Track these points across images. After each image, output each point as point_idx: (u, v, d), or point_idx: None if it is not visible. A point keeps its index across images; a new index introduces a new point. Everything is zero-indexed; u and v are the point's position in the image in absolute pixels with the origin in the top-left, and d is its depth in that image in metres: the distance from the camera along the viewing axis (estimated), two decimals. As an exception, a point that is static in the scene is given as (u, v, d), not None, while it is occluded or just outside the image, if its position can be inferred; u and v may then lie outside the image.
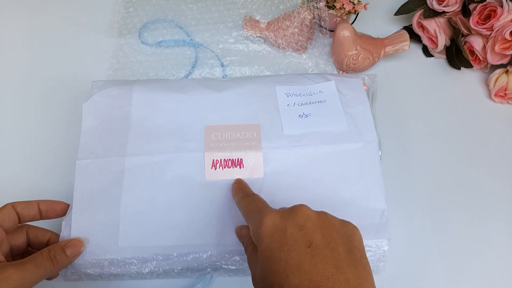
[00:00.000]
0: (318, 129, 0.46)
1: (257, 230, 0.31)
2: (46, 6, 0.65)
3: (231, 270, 0.42)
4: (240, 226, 0.39)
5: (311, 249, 0.29)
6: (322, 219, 0.31)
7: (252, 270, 0.33)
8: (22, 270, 0.34)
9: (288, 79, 0.51)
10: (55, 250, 0.37)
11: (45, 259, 0.36)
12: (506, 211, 0.49)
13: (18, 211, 0.39)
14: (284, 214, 0.31)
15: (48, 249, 0.37)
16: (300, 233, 0.29)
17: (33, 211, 0.40)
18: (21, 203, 0.39)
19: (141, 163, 0.43)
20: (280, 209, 0.33)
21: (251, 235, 0.33)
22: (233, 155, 0.44)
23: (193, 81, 0.51)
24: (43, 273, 0.36)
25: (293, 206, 0.32)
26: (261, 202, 0.36)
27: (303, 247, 0.29)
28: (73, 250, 0.38)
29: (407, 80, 0.59)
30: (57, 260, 0.37)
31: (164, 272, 0.41)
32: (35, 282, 0.35)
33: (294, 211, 0.31)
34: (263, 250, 0.30)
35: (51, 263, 0.36)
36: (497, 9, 0.52)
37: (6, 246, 0.38)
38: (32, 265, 0.35)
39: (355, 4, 0.55)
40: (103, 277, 0.42)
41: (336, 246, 0.29)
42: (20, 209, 0.39)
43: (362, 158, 0.45)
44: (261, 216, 0.32)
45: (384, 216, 0.43)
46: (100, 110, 0.46)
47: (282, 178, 0.44)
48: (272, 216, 0.31)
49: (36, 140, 0.53)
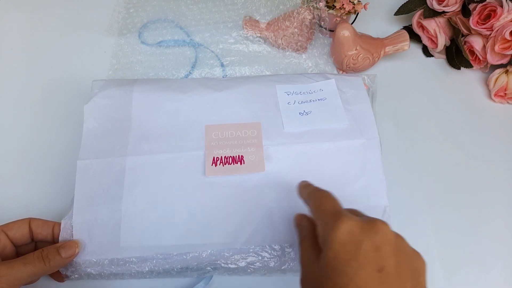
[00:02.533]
0: (319, 126, 0.46)
1: (329, 233, 0.29)
2: (46, 6, 0.65)
3: (231, 269, 0.42)
4: (300, 214, 0.37)
5: (381, 274, 0.27)
6: (398, 245, 0.29)
7: (304, 268, 0.32)
8: (9, 266, 0.35)
9: (288, 78, 0.51)
10: (49, 250, 0.38)
11: (35, 258, 0.37)
12: (506, 210, 0.49)
13: (33, 228, 0.40)
14: (364, 226, 0.29)
15: (42, 249, 0.38)
16: (374, 254, 0.28)
17: (46, 231, 0.40)
18: (39, 221, 0.40)
19: (142, 162, 0.43)
20: (358, 218, 0.30)
21: (319, 234, 0.31)
22: (234, 153, 0.44)
23: (193, 81, 0.51)
24: (32, 271, 0.36)
25: (374, 220, 0.29)
26: (337, 203, 0.33)
27: (373, 270, 0.27)
28: (67, 251, 0.38)
29: (407, 80, 0.59)
30: (49, 259, 0.37)
31: (164, 271, 0.41)
32: (23, 279, 0.36)
33: (375, 227, 0.29)
34: (330, 257, 0.28)
35: (42, 262, 0.37)
36: (497, 9, 0.52)
37: (10, 252, 0.39)
38: (19, 263, 0.36)
39: (355, 4, 0.55)
40: (103, 276, 0.41)
41: (405, 279, 0.28)
42: (35, 226, 0.40)
43: (363, 155, 0.45)
44: (336, 219, 0.29)
45: (386, 212, 0.43)
46: (101, 111, 0.46)
47: (283, 175, 0.44)
48: (350, 224, 0.29)
49: (36, 140, 0.53)
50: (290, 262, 0.42)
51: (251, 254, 0.41)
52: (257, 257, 0.41)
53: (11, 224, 0.39)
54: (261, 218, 0.42)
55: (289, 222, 0.42)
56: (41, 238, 0.40)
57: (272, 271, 0.42)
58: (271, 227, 0.42)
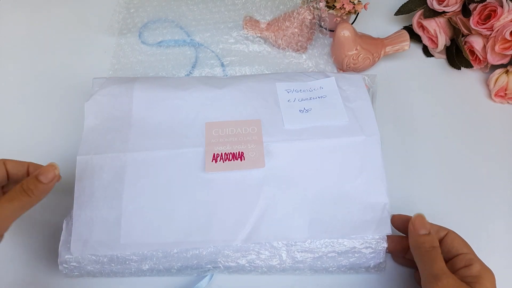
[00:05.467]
0: (319, 123, 0.46)
1: (487, 274, 0.36)
2: (46, 6, 0.65)
3: (231, 267, 0.42)
4: (426, 220, 0.40)
5: None
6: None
7: (446, 276, 0.36)
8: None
9: (288, 76, 0.51)
10: (28, 181, 0.37)
11: (18, 192, 0.36)
12: (506, 210, 0.49)
13: (8, 168, 0.39)
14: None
15: (21, 183, 0.37)
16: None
17: (22, 171, 0.39)
18: (12, 161, 0.39)
19: (142, 158, 0.43)
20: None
21: (473, 267, 0.37)
22: (234, 149, 0.44)
23: (194, 78, 0.51)
24: (18, 206, 0.36)
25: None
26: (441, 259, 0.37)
27: None
28: (46, 175, 0.37)
29: (407, 80, 0.59)
30: (32, 190, 0.36)
31: (164, 269, 0.41)
32: (12, 216, 0.36)
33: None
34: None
35: (26, 195, 0.36)
36: (497, 9, 0.52)
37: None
38: (5, 201, 0.35)
39: (355, 4, 0.55)
40: (103, 274, 0.41)
41: None
42: (10, 167, 0.39)
43: (363, 151, 0.45)
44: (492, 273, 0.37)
45: (385, 210, 0.42)
46: (101, 108, 0.46)
47: (283, 171, 0.44)
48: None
49: (37, 140, 0.53)
50: (290, 261, 0.42)
51: (251, 252, 0.41)
52: (258, 255, 0.41)
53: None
54: (261, 215, 0.42)
55: (289, 218, 0.42)
56: (16, 178, 0.39)
57: (272, 269, 0.42)
58: (271, 224, 0.42)
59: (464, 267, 0.37)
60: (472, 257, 0.38)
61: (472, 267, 0.37)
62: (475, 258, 0.38)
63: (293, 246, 0.42)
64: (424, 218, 0.40)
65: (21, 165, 0.39)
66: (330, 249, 0.42)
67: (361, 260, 0.42)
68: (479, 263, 0.37)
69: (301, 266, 0.42)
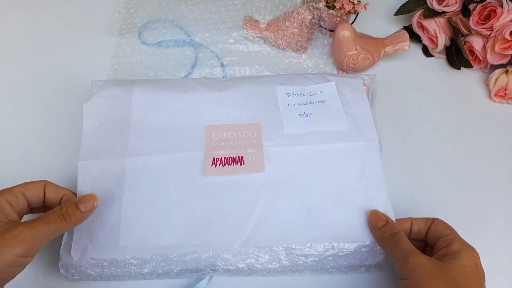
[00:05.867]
0: (319, 128, 0.46)
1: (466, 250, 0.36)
2: (46, 6, 0.65)
3: (230, 271, 0.42)
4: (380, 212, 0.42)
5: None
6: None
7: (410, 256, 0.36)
8: (32, 227, 0.35)
9: (288, 79, 0.51)
10: (68, 206, 0.37)
11: (56, 216, 0.36)
12: (506, 210, 0.49)
13: (46, 193, 0.39)
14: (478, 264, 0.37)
15: (60, 206, 0.37)
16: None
17: (57, 198, 0.40)
18: (53, 186, 0.40)
19: (142, 163, 0.44)
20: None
21: (454, 244, 0.37)
22: (234, 153, 0.44)
23: (194, 80, 0.51)
24: (54, 230, 0.36)
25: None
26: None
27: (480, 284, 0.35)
28: (86, 205, 0.38)
29: (407, 80, 0.59)
30: (70, 216, 0.37)
31: (163, 273, 0.41)
32: (46, 238, 0.36)
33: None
34: (465, 265, 0.35)
35: (63, 220, 0.36)
36: (497, 9, 0.52)
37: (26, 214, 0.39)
38: (42, 223, 0.35)
39: (355, 4, 0.55)
40: (103, 277, 0.42)
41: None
42: (49, 191, 0.40)
43: (363, 157, 0.45)
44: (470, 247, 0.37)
45: (387, 214, 0.42)
46: (100, 110, 0.46)
47: (282, 176, 0.44)
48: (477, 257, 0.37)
49: (36, 140, 0.53)
50: (290, 264, 0.42)
51: (250, 256, 0.41)
52: (257, 258, 0.41)
53: (28, 185, 0.39)
54: (260, 219, 0.42)
55: (289, 222, 0.42)
56: (49, 204, 0.40)
57: (272, 271, 0.42)
58: (270, 228, 0.42)
59: (444, 247, 0.37)
60: (453, 237, 0.38)
61: (451, 246, 0.37)
62: (456, 237, 0.38)
63: (293, 249, 0.42)
64: (377, 212, 0.42)
65: (58, 191, 0.40)
66: (331, 252, 0.42)
67: (361, 260, 0.42)
68: (460, 241, 0.38)
69: (300, 268, 0.42)
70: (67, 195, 0.40)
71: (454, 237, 0.38)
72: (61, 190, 0.40)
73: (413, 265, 0.35)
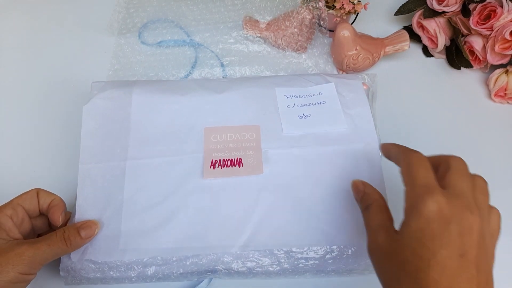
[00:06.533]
0: (318, 130, 0.46)
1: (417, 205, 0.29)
2: (46, 6, 0.65)
3: (231, 274, 0.42)
4: (362, 182, 0.38)
5: (461, 260, 0.28)
6: (483, 237, 0.29)
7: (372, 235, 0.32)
8: (35, 248, 0.36)
9: (288, 81, 0.51)
10: (69, 231, 0.38)
11: (58, 239, 0.38)
12: (506, 210, 0.49)
13: (40, 200, 0.40)
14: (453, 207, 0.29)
15: (63, 229, 0.38)
16: (459, 239, 0.28)
17: (47, 203, 0.40)
18: (45, 192, 0.41)
19: (141, 166, 0.44)
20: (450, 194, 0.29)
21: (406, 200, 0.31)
22: (233, 155, 0.44)
23: (193, 82, 0.51)
24: (55, 252, 0.38)
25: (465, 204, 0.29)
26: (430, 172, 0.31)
27: (455, 253, 0.28)
28: (87, 231, 0.39)
29: (407, 80, 0.59)
30: (71, 241, 0.38)
31: (164, 276, 0.41)
32: (47, 259, 0.37)
33: (464, 212, 0.29)
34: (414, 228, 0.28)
35: (64, 244, 0.38)
36: (497, 9, 0.52)
37: (27, 225, 0.40)
38: (44, 244, 0.37)
39: (355, 4, 0.55)
40: (103, 281, 0.42)
41: (483, 271, 0.29)
42: (41, 198, 0.40)
43: (362, 159, 0.45)
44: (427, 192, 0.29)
45: None
46: (100, 112, 0.46)
47: (281, 178, 0.44)
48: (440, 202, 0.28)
49: (36, 141, 0.53)
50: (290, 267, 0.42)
51: (251, 259, 0.41)
52: (257, 262, 0.41)
53: (23, 195, 0.40)
54: (260, 221, 0.42)
55: (288, 225, 0.42)
56: (43, 211, 0.41)
57: (272, 274, 0.42)
58: (269, 231, 0.42)
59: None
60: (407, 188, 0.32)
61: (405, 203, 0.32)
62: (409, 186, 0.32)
63: (293, 253, 0.41)
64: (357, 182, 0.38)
65: (49, 197, 0.40)
66: (331, 255, 0.42)
67: (362, 262, 0.42)
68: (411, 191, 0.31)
69: (301, 271, 0.42)
70: (56, 199, 0.41)
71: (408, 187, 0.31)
72: (51, 196, 0.41)
73: (369, 246, 0.33)
